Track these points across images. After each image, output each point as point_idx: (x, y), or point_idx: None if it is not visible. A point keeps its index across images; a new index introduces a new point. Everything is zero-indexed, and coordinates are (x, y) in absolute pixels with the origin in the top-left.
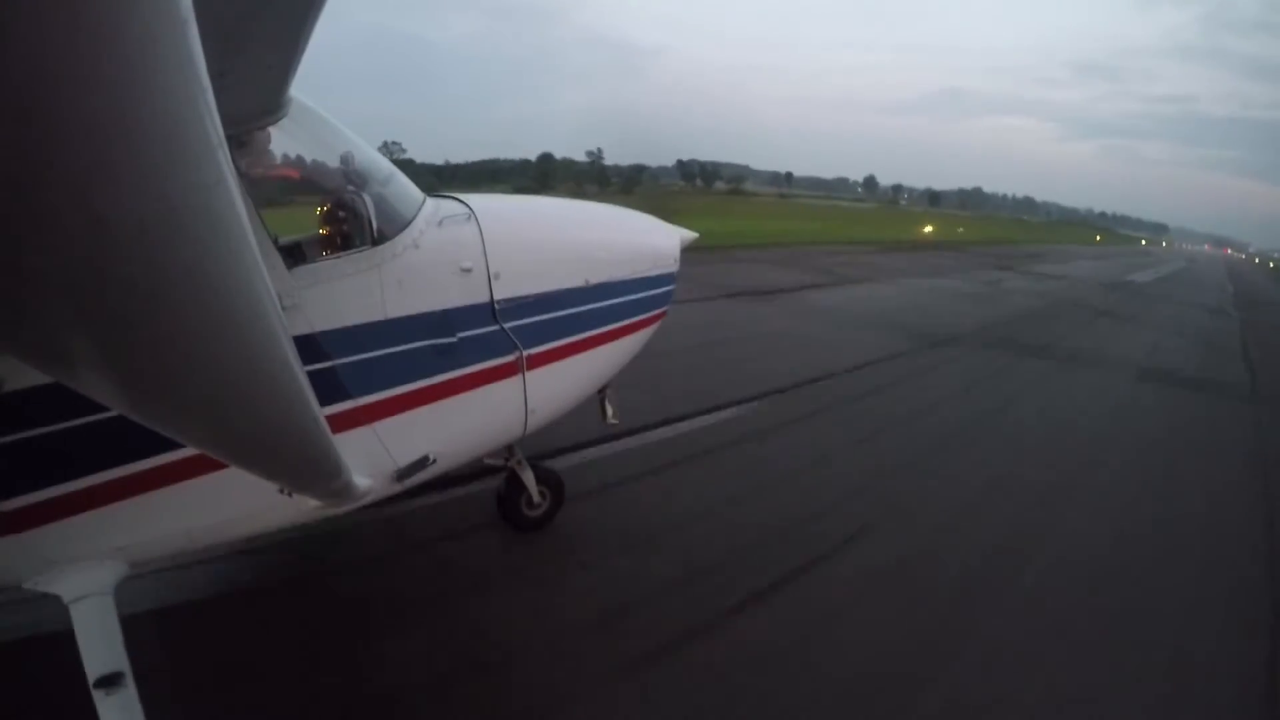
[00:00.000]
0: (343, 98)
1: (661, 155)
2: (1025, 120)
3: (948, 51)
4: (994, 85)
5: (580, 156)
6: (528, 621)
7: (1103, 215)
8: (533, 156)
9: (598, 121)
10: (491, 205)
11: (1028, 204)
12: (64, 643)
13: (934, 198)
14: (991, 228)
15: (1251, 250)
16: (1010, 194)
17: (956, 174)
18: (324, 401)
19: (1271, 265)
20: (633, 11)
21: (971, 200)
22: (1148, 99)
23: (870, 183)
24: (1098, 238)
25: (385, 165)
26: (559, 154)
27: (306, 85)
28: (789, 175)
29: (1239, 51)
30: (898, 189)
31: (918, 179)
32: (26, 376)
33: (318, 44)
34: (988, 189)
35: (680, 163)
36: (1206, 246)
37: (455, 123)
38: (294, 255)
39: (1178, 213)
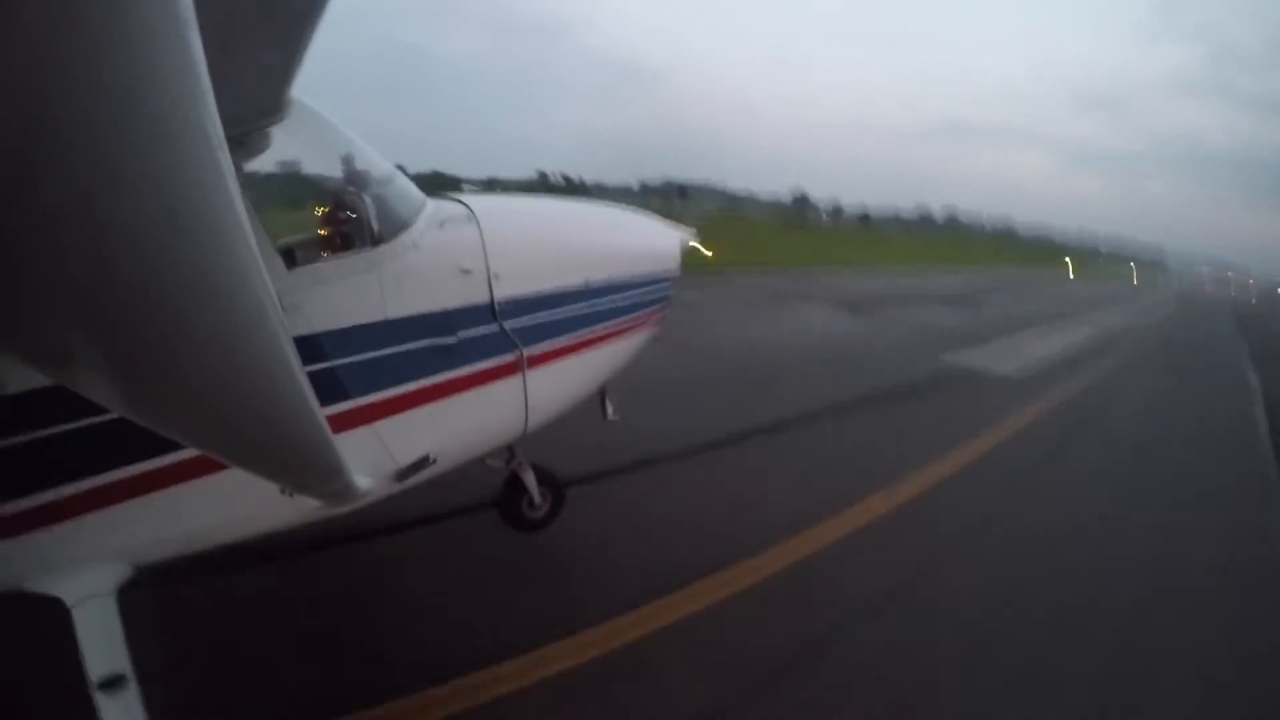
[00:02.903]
0: (348, 109)
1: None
2: (1028, 152)
3: (953, 82)
4: (998, 116)
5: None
6: None
7: (1093, 243)
8: (525, 173)
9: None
10: (492, 206)
11: (1006, 228)
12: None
13: (865, 216)
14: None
15: (1254, 279)
16: (988, 218)
17: (952, 200)
18: (324, 402)
19: None
20: (637, 31)
21: (939, 223)
22: (1152, 133)
23: (800, 199)
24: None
25: (386, 166)
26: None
27: (309, 90)
28: (683, 189)
29: (1244, 88)
30: (837, 208)
31: (904, 202)
32: (27, 379)
33: (326, 54)
34: (963, 210)
35: (540, 174)
36: (1204, 276)
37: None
38: (294, 256)
39: (1177, 243)
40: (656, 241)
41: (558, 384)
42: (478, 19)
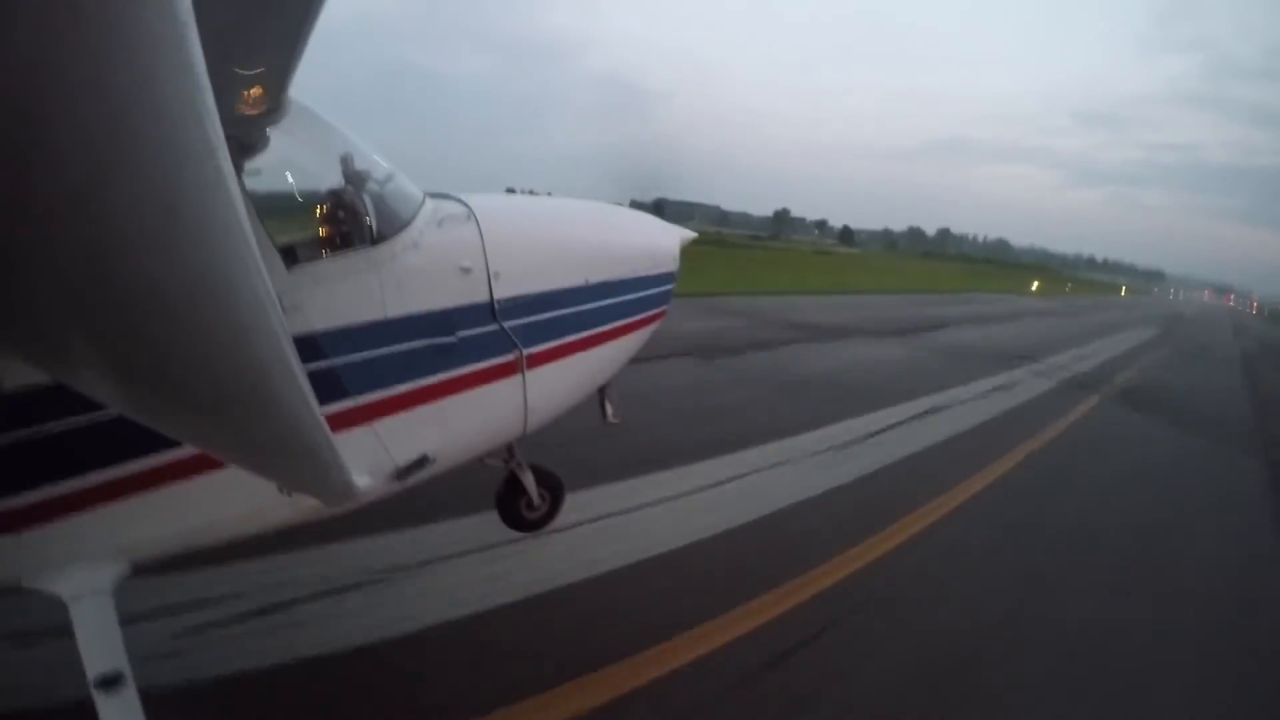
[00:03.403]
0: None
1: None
2: (1028, 168)
3: (953, 100)
4: (998, 133)
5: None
6: None
7: (1091, 260)
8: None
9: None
10: (491, 204)
11: (1000, 246)
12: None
13: (847, 234)
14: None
15: (1256, 297)
16: (982, 236)
17: (949, 219)
18: (323, 401)
19: None
20: (639, 52)
21: (933, 241)
22: (1150, 147)
23: (781, 217)
24: None
25: (384, 165)
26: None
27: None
28: (659, 206)
29: (1242, 99)
30: (823, 224)
31: (901, 222)
32: (26, 376)
33: (324, 65)
34: (956, 230)
35: (509, 191)
36: (1206, 294)
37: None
38: (293, 255)
39: (1177, 259)
40: (656, 240)
41: (557, 384)
42: (479, 37)
